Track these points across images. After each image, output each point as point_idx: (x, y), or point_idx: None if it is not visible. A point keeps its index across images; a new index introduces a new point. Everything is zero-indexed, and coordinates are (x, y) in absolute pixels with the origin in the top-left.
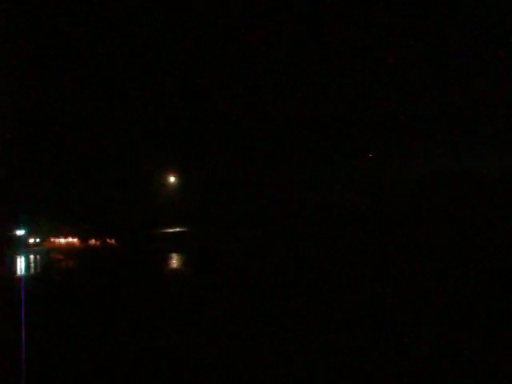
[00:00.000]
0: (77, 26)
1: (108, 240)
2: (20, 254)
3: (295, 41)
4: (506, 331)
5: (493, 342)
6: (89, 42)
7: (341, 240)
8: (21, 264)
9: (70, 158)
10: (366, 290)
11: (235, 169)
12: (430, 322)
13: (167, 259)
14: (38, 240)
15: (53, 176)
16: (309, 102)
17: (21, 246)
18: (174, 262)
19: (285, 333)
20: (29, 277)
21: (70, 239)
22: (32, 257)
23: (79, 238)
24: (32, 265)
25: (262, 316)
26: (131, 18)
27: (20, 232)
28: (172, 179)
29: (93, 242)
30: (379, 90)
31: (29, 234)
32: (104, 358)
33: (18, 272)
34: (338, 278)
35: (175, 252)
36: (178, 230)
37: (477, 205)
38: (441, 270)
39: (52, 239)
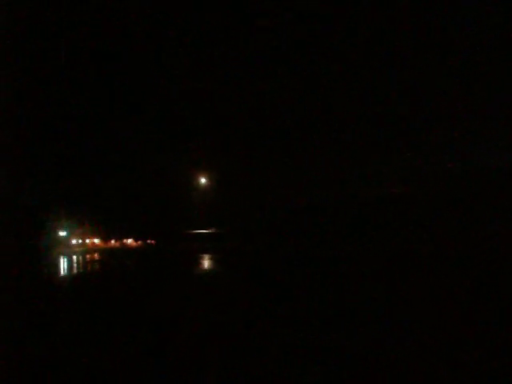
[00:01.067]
0: (81, 25)
1: (134, 240)
2: (64, 255)
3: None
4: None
5: (494, 342)
6: (101, 40)
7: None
8: (65, 264)
9: (104, 160)
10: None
11: (269, 170)
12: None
13: (194, 260)
14: (80, 241)
15: (89, 178)
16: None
17: (65, 247)
18: (201, 262)
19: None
20: (73, 276)
21: (95, 240)
22: (75, 257)
23: (102, 239)
24: (75, 265)
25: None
26: (137, 21)
27: (63, 233)
28: (205, 180)
29: (129, 241)
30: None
31: (71, 235)
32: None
33: (63, 272)
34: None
35: (204, 253)
36: (209, 231)
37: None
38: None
39: (89, 240)
